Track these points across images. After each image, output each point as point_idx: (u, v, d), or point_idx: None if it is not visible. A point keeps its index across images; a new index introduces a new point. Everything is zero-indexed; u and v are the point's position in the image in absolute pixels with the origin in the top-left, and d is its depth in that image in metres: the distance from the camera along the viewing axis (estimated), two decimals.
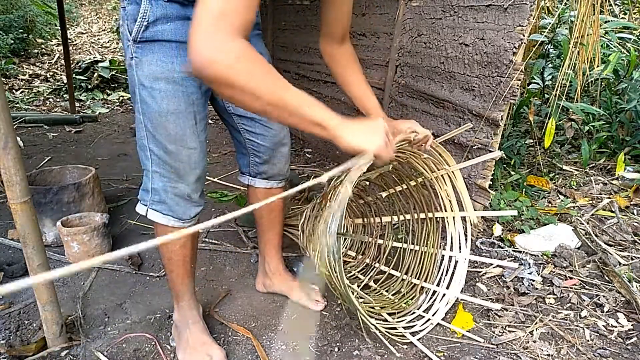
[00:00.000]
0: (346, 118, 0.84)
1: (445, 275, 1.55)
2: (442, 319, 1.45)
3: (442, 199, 1.55)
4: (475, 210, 1.83)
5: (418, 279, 1.60)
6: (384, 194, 1.71)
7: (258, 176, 1.43)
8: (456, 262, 1.55)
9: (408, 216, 1.71)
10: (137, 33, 1.03)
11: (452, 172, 1.49)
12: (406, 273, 1.64)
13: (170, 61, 1.05)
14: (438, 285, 1.54)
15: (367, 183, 1.72)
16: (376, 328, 1.23)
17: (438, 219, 1.60)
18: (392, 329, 1.35)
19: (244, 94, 0.73)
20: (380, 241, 1.79)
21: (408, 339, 1.34)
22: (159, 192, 1.17)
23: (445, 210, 1.56)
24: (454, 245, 1.57)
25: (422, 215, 1.65)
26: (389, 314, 1.44)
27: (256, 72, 0.73)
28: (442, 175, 1.50)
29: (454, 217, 1.56)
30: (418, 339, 1.35)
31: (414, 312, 1.48)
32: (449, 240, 1.58)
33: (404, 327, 1.39)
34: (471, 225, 1.54)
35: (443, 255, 1.60)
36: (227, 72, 0.70)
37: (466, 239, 1.55)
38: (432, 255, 1.61)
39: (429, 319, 1.44)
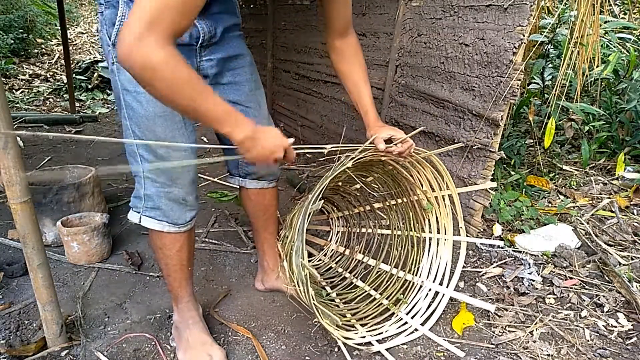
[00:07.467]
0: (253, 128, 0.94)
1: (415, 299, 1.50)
2: (442, 319, 1.45)
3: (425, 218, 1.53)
4: (473, 211, 1.83)
5: (389, 296, 1.53)
6: (375, 194, 1.69)
7: (248, 177, 1.43)
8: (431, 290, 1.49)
9: (388, 231, 1.68)
10: (116, 36, 1.01)
11: (444, 193, 1.46)
12: (376, 289, 1.58)
13: None
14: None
15: (358, 194, 1.71)
16: (321, 318, 1.17)
17: (419, 238, 1.57)
18: (350, 326, 1.33)
19: (162, 96, 0.82)
20: (360, 256, 1.74)
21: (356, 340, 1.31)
22: (152, 198, 1.15)
23: (428, 232, 1.54)
24: (432, 271, 1.52)
25: (406, 233, 1.61)
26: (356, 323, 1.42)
27: (175, 81, 0.80)
28: (431, 190, 1.47)
29: (438, 240, 1.52)
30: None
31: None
32: (427, 263, 1.54)
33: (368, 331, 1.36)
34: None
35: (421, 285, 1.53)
36: (151, 75, 0.77)
37: (452, 268, 1.52)
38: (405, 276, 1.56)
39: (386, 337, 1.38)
